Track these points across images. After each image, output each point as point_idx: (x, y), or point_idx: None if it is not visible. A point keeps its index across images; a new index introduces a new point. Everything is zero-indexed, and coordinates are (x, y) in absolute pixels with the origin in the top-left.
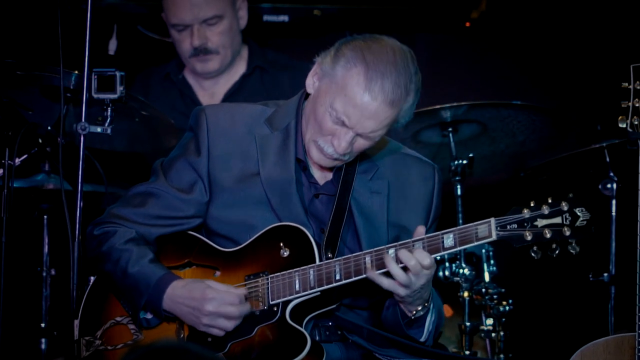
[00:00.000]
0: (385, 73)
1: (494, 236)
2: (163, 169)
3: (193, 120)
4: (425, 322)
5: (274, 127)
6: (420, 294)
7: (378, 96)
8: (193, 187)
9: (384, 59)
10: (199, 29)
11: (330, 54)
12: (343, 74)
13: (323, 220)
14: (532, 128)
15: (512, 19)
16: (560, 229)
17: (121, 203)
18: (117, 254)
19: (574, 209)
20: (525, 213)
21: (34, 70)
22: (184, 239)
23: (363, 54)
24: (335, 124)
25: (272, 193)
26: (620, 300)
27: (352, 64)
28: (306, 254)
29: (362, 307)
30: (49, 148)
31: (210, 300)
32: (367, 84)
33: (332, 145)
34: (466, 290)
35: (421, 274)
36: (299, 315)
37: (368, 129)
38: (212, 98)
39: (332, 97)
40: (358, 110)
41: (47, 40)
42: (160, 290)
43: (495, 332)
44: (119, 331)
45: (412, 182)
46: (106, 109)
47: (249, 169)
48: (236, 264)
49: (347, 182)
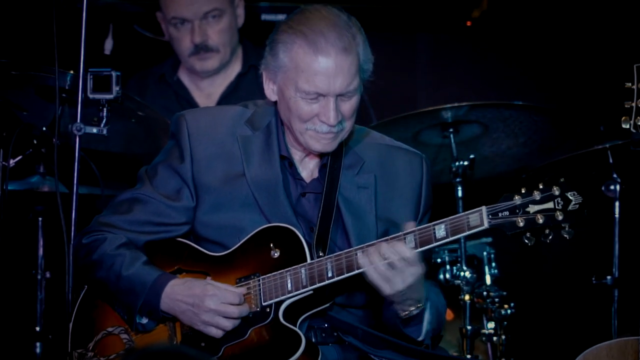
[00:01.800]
0: (323, 29)
1: (486, 224)
2: (148, 176)
3: (173, 127)
4: (422, 321)
5: (255, 127)
6: (408, 294)
7: (330, 51)
8: (179, 193)
9: (313, 20)
10: (200, 25)
11: (268, 53)
12: (289, 57)
13: (311, 219)
14: (534, 129)
15: (513, 18)
16: (552, 214)
17: (107, 211)
18: (110, 260)
19: (566, 193)
20: (516, 200)
21: (29, 70)
22: (173, 246)
23: (293, 28)
24: (313, 102)
25: (259, 193)
26: (624, 303)
27: (289, 44)
28: (297, 254)
29: (356, 306)
30: (44, 149)
31: (211, 297)
32: (314, 47)
33: (323, 122)
34: (467, 293)
35: (406, 272)
36: (292, 316)
37: (343, 86)
38: (209, 99)
39: (294, 83)
40: (322, 75)
41: (42, 40)
42: (158, 289)
43: (497, 336)
44: (112, 342)
45: (399, 174)
46: (102, 110)
47: (233, 170)
48: (227, 268)
49: (334, 179)
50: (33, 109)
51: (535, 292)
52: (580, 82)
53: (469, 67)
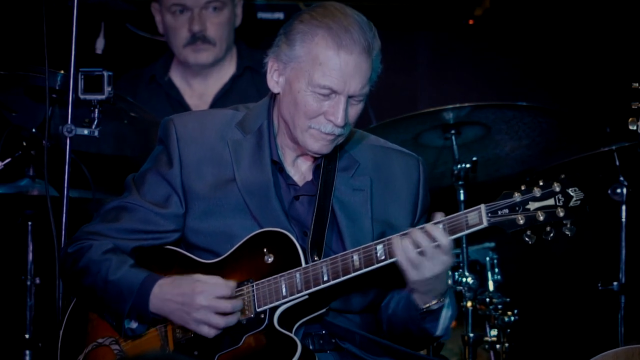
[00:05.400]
0: (348, 25)
1: (485, 223)
2: (135, 184)
3: (162, 132)
4: (440, 316)
5: (246, 130)
6: (434, 284)
7: (353, 49)
8: (168, 200)
9: (337, 15)
10: (199, 14)
11: (282, 42)
12: (307, 48)
13: (305, 222)
14: (538, 130)
15: (516, 16)
16: (553, 211)
17: (94, 220)
18: (96, 266)
19: (567, 190)
20: (516, 197)
21: (18, 70)
22: (163, 253)
23: (317, 20)
24: (323, 100)
25: (250, 198)
26: (631, 310)
27: (311, 34)
28: (291, 259)
29: (353, 312)
30: (33, 151)
31: (200, 293)
32: (337, 41)
33: (329, 121)
34: (469, 300)
35: (436, 258)
36: (288, 322)
37: (358, 87)
38: (201, 100)
39: (308, 76)
40: (339, 71)
41: (32, 39)
42: (146, 290)
43: (500, 344)
44: (102, 353)
45: (395, 176)
46: (93, 111)
47: (223, 175)
48: (219, 275)
49: (328, 181)
50: (22, 110)
51: (540, 298)
52: (586, 82)
53: (471, 67)
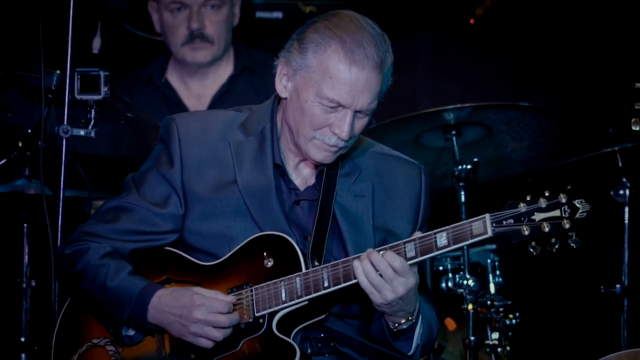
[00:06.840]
0: (362, 40)
1: (490, 232)
2: (135, 183)
3: (163, 131)
4: (414, 335)
5: (249, 132)
6: (400, 305)
7: (365, 65)
8: (167, 200)
9: (352, 27)
10: (198, 11)
11: (294, 47)
12: (319, 59)
13: (306, 227)
14: (540, 131)
15: (518, 15)
16: (559, 222)
17: (92, 220)
18: (93, 271)
19: (573, 201)
20: (521, 207)
21: (14, 70)
22: (161, 255)
23: (331, 31)
24: (329, 112)
25: (251, 200)
26: (634, 312)
27: (324, 46)
28: (291, 263)
29: (352, 316)
30: (29, 152)
31: (198, 307)
32: (350, 56)
33: (334, 134)
34: (470, 303)
35: (395, 281)
36: (286, 327)
37: (366, 103)
38: (199, 101)
39: (317, 87)
40: (349, 86)
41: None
42: (145, 301)
43: (501, 347)
44: (97, 354)
45: (397, 184)
46: (90, 111)
47: (225, 176)
48: (218, 278)
49: (330, 186)
50: (18, 110)
51: (541, 301)
52: (588, 82)
53: (472, 67)
